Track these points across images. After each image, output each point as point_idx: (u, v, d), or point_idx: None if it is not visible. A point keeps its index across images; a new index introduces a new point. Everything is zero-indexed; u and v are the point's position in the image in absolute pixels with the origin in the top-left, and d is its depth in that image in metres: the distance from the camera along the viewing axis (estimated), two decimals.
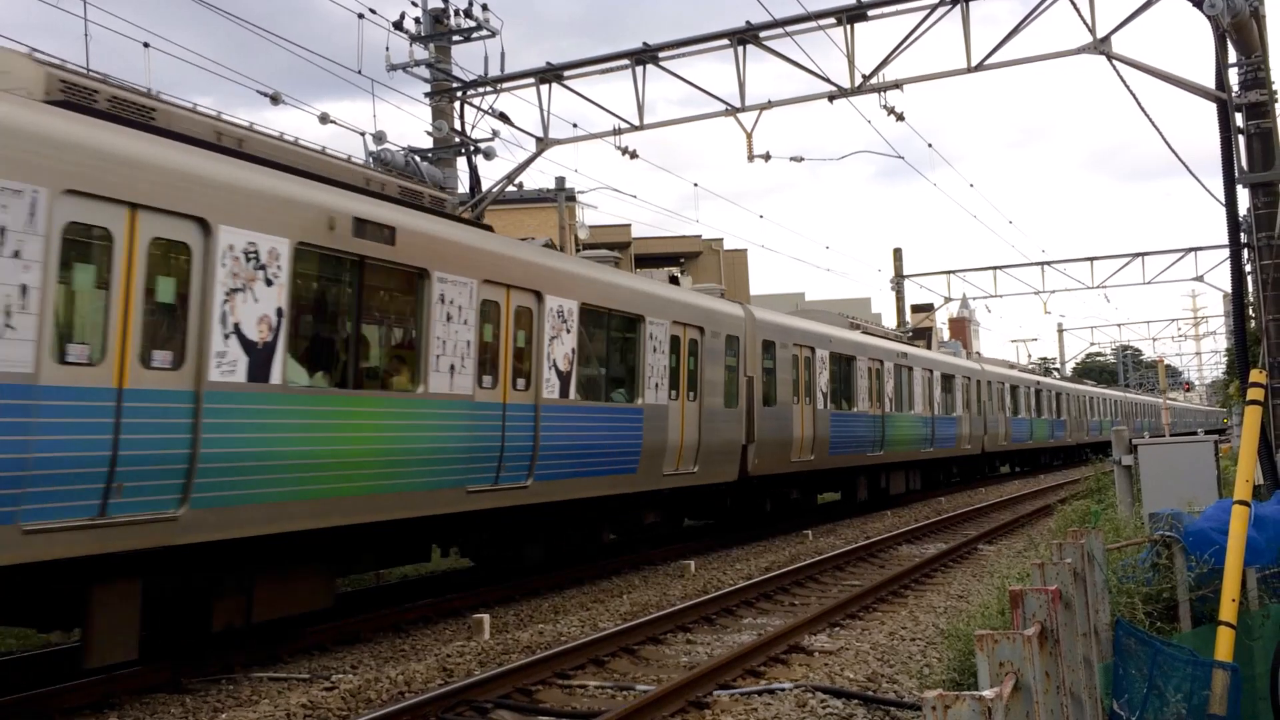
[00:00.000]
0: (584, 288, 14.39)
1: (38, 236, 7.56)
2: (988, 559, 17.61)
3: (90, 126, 8.17)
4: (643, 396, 15.69)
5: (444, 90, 19.20)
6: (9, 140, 7.45)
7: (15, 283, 7.39)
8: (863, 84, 17.14)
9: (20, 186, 7.45)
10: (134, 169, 8.30)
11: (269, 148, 10.41)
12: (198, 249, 8.84)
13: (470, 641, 11.17)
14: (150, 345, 8.45)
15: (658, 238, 48.61)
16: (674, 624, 11.89)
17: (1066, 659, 5.03)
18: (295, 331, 9.90)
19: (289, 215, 9.70)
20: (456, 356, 11.76)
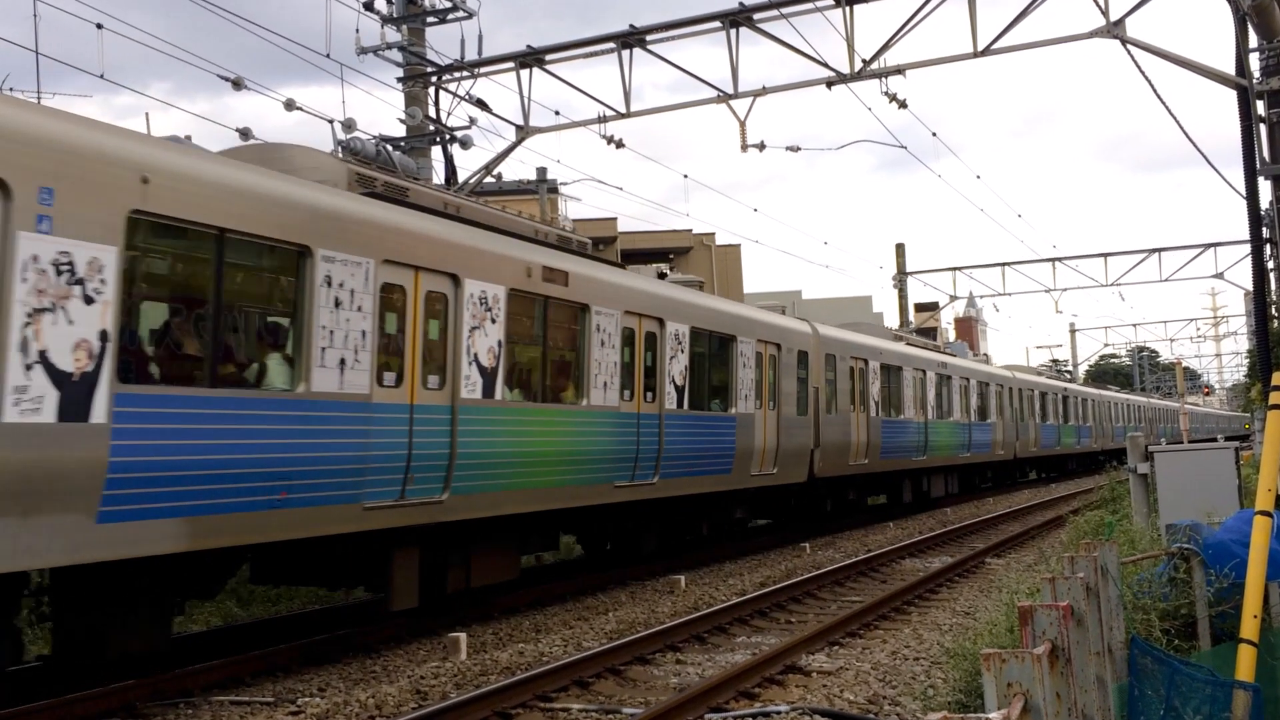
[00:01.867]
0: (693, 313, 17.63)
1: (370, 295, 10.90)
2: (996, 573, 17.67)
3: (393, 212, 11.59)
4: (736, 406, 18.81)
5: (418, 75, 19.18)
6: (360, 227, 10.90)
7: (359, 329, 10.75)
8: (863, 69, 17.18)
9: (361, 260, 10.83)
10: (418, 241, 11.63)
11: (471, 210, 13.79)
12: (451, 297, 12.13)
13: (446, 662, 11.15)
14: (427, 371, 11.77)
15: (645, 232, 48.61)
16: (663, 643, 11.89)
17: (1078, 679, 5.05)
18: (509, 357, 13.10)
19: (505, 267, 12.98)
20: (608, 375, 15.05)
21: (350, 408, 10.64)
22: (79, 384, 8.29)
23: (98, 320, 8.41)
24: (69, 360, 8.25)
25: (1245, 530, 7.84)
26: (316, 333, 10.30)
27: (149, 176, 8.82)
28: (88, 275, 8.37)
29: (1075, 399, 50.65)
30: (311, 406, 10.24)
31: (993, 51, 16.38)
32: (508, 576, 13.94)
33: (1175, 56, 15.57)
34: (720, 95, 18.23)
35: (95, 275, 8.41)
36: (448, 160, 19.40)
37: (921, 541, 21.90)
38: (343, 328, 10.57)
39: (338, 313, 10.53)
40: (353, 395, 10.65)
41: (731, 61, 17.64)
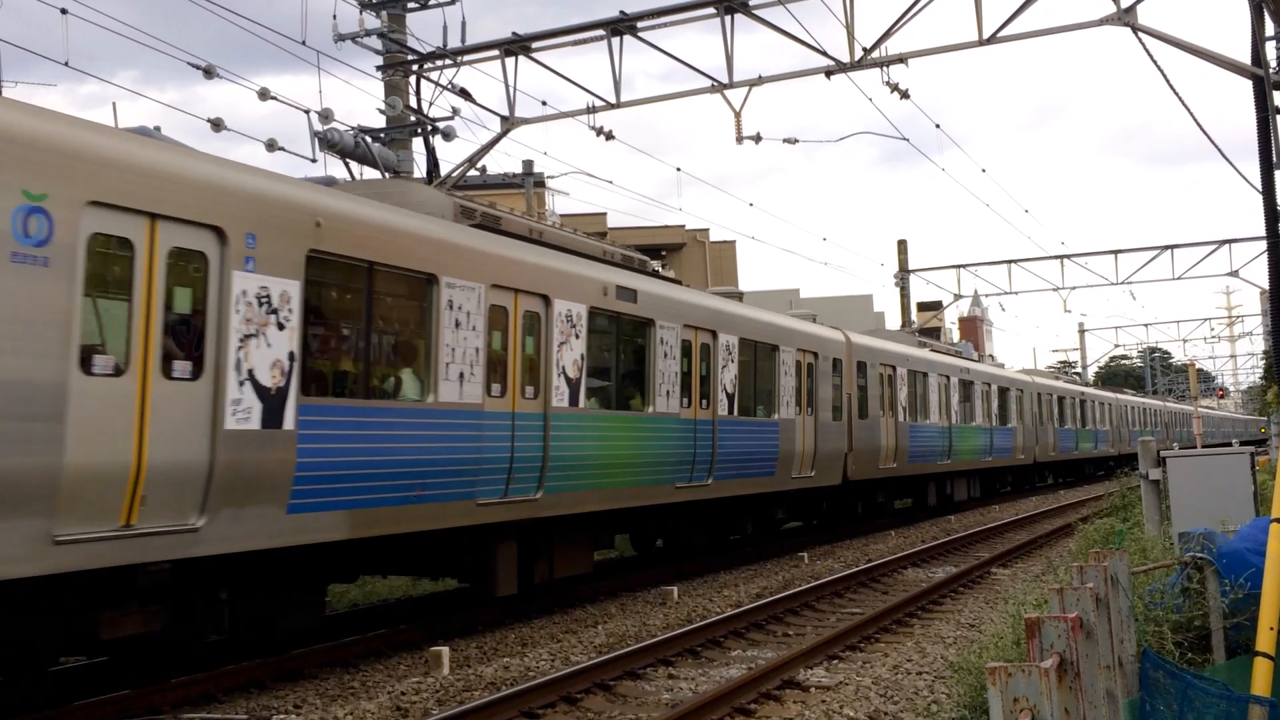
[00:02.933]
0: (742, 325, 19.49)
1: (481, 316, 12.88)
2: (1002, 583, 17.69)
3: (497, 242, 13.51)
4: (779, 412, 20.73)
5: (398, 63, 19.16)
6: (473, 257, 12.86)
7: (474, 346, 12.69)
8: (863, 58, 17.20)
9: (474, 285, 12.74)
10: (517, 266, 13.60)
11: (553, 235, 15.51)
12: (543, 316, 14.03)
13: (428, 677, 11.14)
14: (524, 382, 13.65)
15: (636, 228, 48.61)
16: (654, 657, 11.88)
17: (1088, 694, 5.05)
18: (590, 368, 14.90)
19: (585, 288, 14.92)
20: (670, 384, 16.92)
21: (467, 416, 12.69)
22: (275, 397, 10.28)
23: (287, 343, 10.42)
24: (268, 377, 10.25)
25: (1261, 538, 7.86)
26: (442, 350, 12.32)
27: (321, 221, 10.88)
28: (279, 305, 10.38)
29: (1092, 403, 52.48)
30: (438, 415, 12.27)
31: (998, 39, 16.41)
32: (583, 570, 15.87)
33: (1188, 45, 15.60)
34: (715, 85, 18.24)
35: (285, 305, 10.45)
36: (429, 152, 19.38)
37: (924, 550, 21.92)
38: (461, 345, 12.59)
39: (457, 332, 12.54)
40: (469, 405, 12.71)
41: (726, 50, 17.64)
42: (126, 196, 9.03)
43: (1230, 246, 40.51)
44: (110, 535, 8.84)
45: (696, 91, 18.66)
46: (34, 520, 8.31)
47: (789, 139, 23.26)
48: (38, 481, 8.29)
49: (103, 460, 8.73)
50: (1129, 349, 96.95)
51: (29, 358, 8.29)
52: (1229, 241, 40.54)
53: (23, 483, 8.20)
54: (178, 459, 9.32)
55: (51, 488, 8.38)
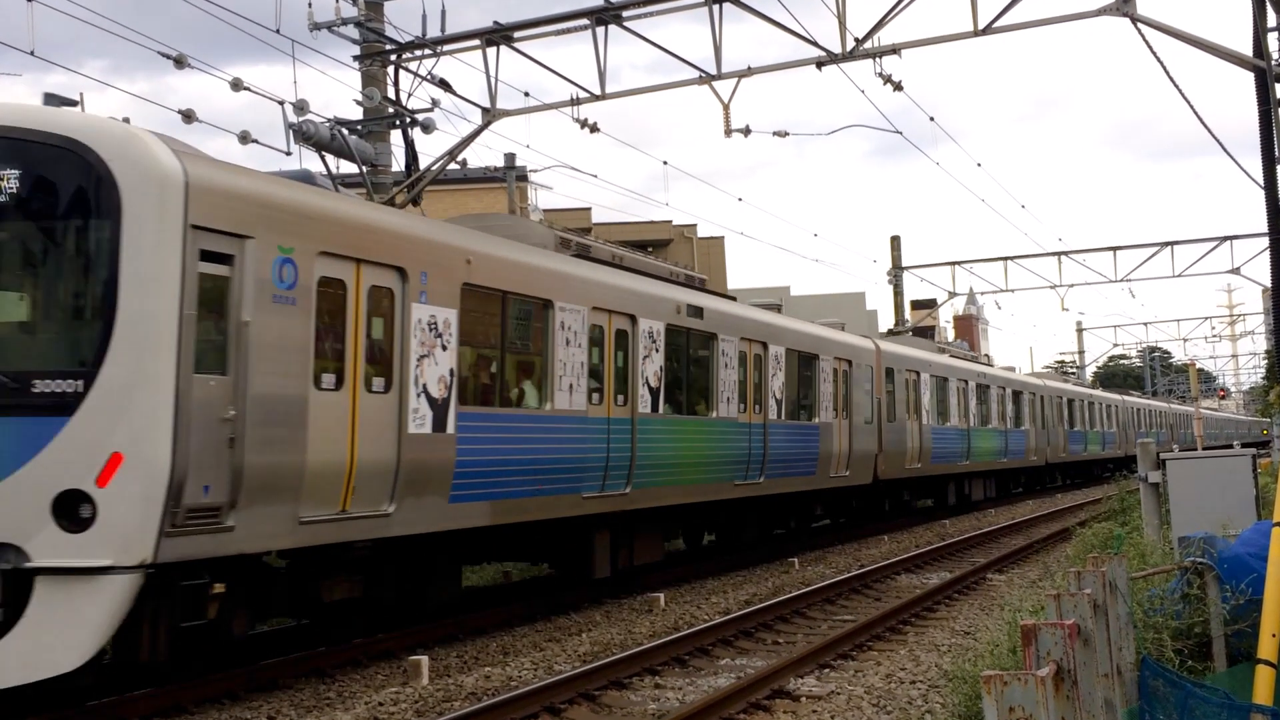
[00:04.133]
0: (789, 337, 22.22)
1: (584, 333, 15.34)
2: (998, 590, 17.74)
3: (596, 270, 16.19)
4: (819, 416, 23.34)
5: (375, 53, 19.12)
6: (576, 283, 15.40)
7: (579, 361, 15.21)
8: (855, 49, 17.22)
9: (579, 308, 15.28)
10: (611, 290, 16.21)
11: (631, 260, 18.18)
12: (630, 333, 16.53)
13: (406, 687, 11.13)
14: (616, 391, 16.14)
15: (622, 223, 48.59)
16: (640, 666, 11.89)
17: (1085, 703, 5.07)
18: (667, 378, 17.41)
19: (662, 307, 17.42)
20: (731, 391, 19.40)
21: (574, 421, 15.20)
22: (441, 406, 12.72)
23: (448, 361, 12.88)
24: (436, 389, 12.67)
25: (1263, 543, 7.89)
26: (556, 365, 14.79)
27: (470, 259, 13.41)
28: (443, 330, 12.82)
29: (1100, 405, 55.16)
30: (553, 421, 14.79)
31: (994, 30, 16.45)
32: (656, 558, 18.33)
33: (1189, 36, 15.66)
34: (702, 76, 18.24)
35: (446, 330, 12.88)
36: (408, 145, 19.32)
37: (918, 556, 21.97)
38: (570, 360, 15.06)
39: (567, 349, 15.01)
40: (576, 412, 15.19)
41: (715, 40, 17.65)
42: (343, 246, 11.50)
43: (1232, 243, 40.63)
44: (333, 518, 11.29)
45: (684, 83, 18.66)
46: (288, 505, 10.70)
47: (779, 132, 23.25)
48: (291, 475, 10.70)
49: (330, 458, 11.16)
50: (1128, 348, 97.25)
51: (285, 377, 10.67)
52: (1230, 238, 40.67)
53: (283, 476, 10.60)
54: (376, 457, 11.74)
55: (298, 480, 10.77)
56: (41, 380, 9.57)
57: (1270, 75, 15.59)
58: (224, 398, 10.11)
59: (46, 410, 9.46)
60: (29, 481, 9.34)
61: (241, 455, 10.16)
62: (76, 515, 9.30)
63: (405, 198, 18.58)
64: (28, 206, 9.96)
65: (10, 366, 9.71)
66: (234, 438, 10.13)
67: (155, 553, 9.42)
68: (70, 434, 9.39)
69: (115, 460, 9.35)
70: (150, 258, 9.65)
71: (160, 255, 9.68)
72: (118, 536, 9.32)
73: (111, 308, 9.57)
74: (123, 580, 9.29)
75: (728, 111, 18.89)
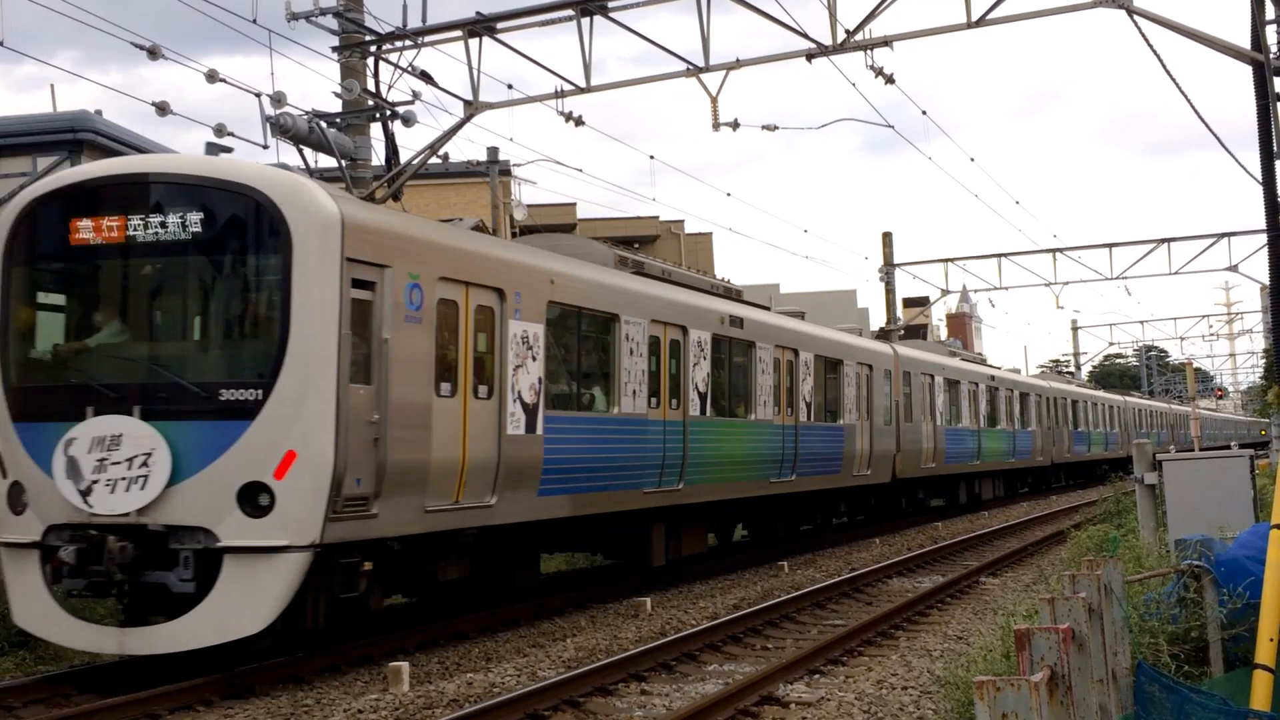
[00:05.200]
0: (818, 344, 24.40)
1: (644, 344, 17.36)
2: (991, 594, 17.79)
3: (652, 285, 18.45)
4: (844, 417, 25.43)
5: (355, 44, 19.08)
6: (638, 298, 17.52)
7: (640, 369, 17.11)
8: (846, 41, 17.24)
9: (640, 320, 17.32)
10: (667, 304, 18.36)
11: (680, 275, 20.47)
12: (682, 342, 18.60)
13: (386, 694, 11.11)
14: (670, 395, 18.22)
15: (608, 219, 48.59)
16: (626, 672, 11.90)
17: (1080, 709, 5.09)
18: (713, 383, 19.41)
19: (709, 318, 19.53)
20: (767, 394, 21.50)
21: (636, 423, 17.24)
22: (532, 410, 14.66)
23: (537, 370, 14.83)
24: (528, 395, 14.62)
25: (1261, 546, 7.92)
26: (622, 372, 16.78)
27: (554, 279, 15.46)
28: (533, 342, 14.74)
29: (1102, 406, 57.79)
30: (620, 423, 16.86)
31: (988, 22, 16.48)
32: (701, 549, 20.84)
33: (1186, 29, 15.71)
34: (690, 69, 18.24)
35: (535, 342, 14.82)
36: (388, 139, 19.27)
37: (910, 559, 22.02)
38: (633, 368, 17.03)
39: (630, 358, 16.98)
40: (638, 415, 17.24)
41: (702, 31, 17.65)
42: (456, 271, 13.52)
43: (1229, 240, 40.73)
44: (450, 508, 13.28)
45: (671, 75, 18.66)
46: (417, 496, 12.70)
47: (768, 126, 23.27)
48: (420, 470, 12.65)
49: (448, 455, 13.12)
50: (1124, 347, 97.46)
51: (415, 386, 12.66)
52: (1228, 235, 40.77)
53: (414, 471, 12.57)
54: (482, 455, 13.73)
55: (425, 474, 12.73)
56: (227, 390, 11.51)
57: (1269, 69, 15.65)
58: (370, 404, 12.08)
59: (231, 415, 11.40)
60: (217, 475, 11.27)
61: (384, 453, 12.14)
62: (257, 503, 11.25)
63: (385, 193, 18.55)
64: (212, 244, 12.04)
65: (199, 378, 11.75)
66: (378, 438, 12.10)
67: (321, 535, 11.36)
68: (252, 435, 11.33)
69: (289, 457, 11.30)
70: (315, 286, 11.59)
71: (323, 284, 11.64)
72: (292, 521, 11.26)
73: (285, 328, 11.52)
74: (297, 558, 11.26)
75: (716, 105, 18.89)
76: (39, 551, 11.63)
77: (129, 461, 11.30)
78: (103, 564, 11.10)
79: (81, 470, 11.40)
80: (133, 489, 11.26)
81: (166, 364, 11.96)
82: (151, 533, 11.26)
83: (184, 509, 11.25)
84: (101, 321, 12.54)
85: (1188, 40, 15.78)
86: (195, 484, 11.26)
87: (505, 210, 33.40)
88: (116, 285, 12.58)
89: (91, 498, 11.35)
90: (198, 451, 11.31)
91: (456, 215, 34.92)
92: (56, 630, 11.81)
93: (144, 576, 11.23)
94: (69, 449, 11.46)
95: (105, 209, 12.07)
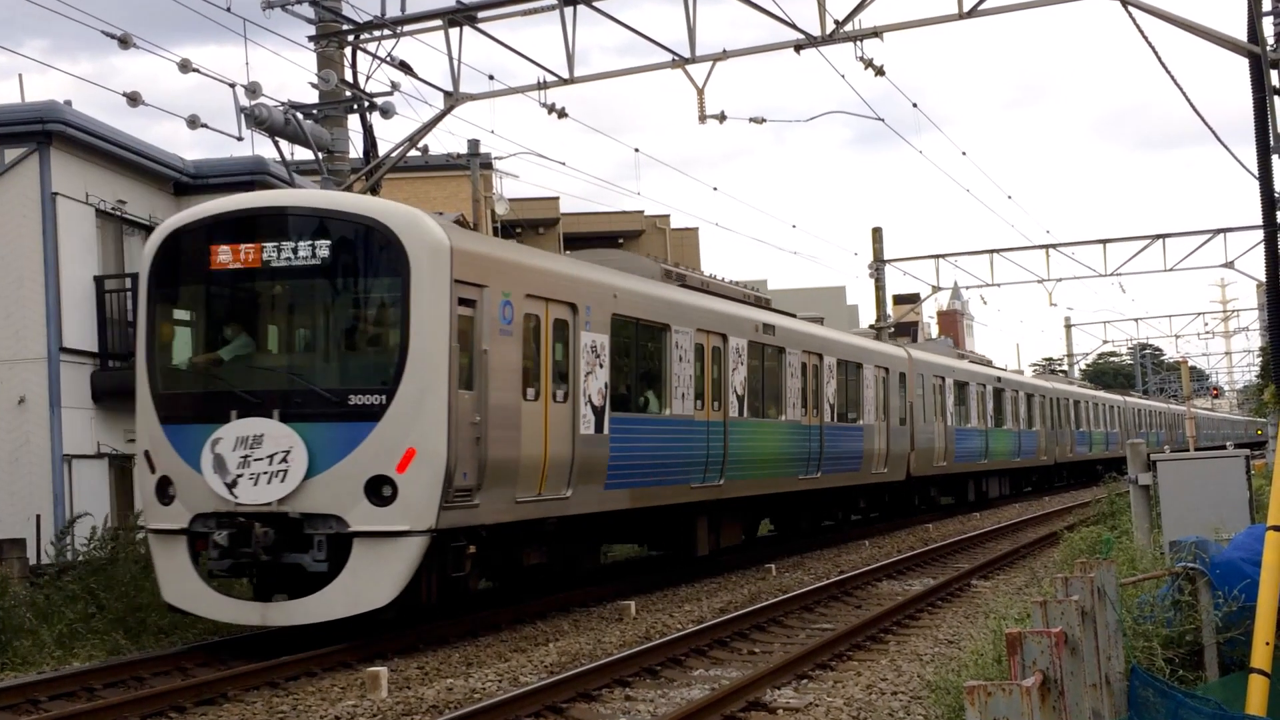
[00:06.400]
0: (839, 348, 26.67)
1: (691, 351, 19.19)
2: (982, 597, 17.82)
3: (696, 296, 20.40)
4: (863, 418, 27.61)
5: (332, 33, 19.04)
6: (686, 310, 19.36)
7: (689, 374, 19.02)
8: (835, 31, 17.28)
9: (688, 330, 19.11)
10: (709, 314, 20.43)
11: (716, 286, 22.33)
12: (723, 349, 20.51)
13: (364, 700, 11.09)
14: (712, 398, 20.05)
15: (591, 214, 48.57)
16: (610, 677, 11.89)
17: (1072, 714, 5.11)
18: (749, 387, 21.43)
19: (745, 326, 21.59)
20: (796, 396, 23.55)
21: (685, 424, 19.16)
22: (600, 412, 16.51)
23: (604, 376, 16.65)
24: (597, 399, 16.46)
25: (1257, 548, 7.96)
26: (673, 377, 18.62)
27: (616, 294, 17.32)
28: (600, 351, 16.57)
29: (1103, 406, 59.98)
30: (671, 424, 18.82)
31: (979, 13, 16.53)
32: (737, 541, 22.81)
33: (1182, 20, 15.79)
34: (676, 59, 18.27)
35: (602, 351, 16.63)
36: (366, 130, 19.27)
37: (900, 561, 22.06)
38: (682, 373, 18.85)
39: (680, 364, 18.79)
40: (686, 416, 19.10)
41: (688, 21, 17.68)
42: (539, 289, 15.34)
43: (1225, 236, 40.89)
44: (535, 500, 15.13)
45: (656, 66, 18.68)
46: (510, 489, 14.54)
47: (755, 118, 23.33)
48: (512, 465, 14.48)
49: (533, 452, 14.93)
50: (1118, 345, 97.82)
51: (507, 391, 14.46)
52: (1224, 231, 40.94)
53: (508, 466, 14.39)
54: (560, 452, 15.54)
55: (515, 469, 14.57)
56: (355, 395, 13.35)
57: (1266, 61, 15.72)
58: (473, 407, 13.80)
59: (359, 417, 13.18)
60: (348, 470, 13.05)
61: (485, 450, 13.91)
62: (382, 494, 13.04)
63: (363, 186, 18.51)
64: (340, 268, 14.08)
65: (331, 385, 13.60)
66: (479, 437, 13.84)
67: (436, 521, 13.18)
68: (377, 435, 13.10)
69: (410, 454, 13.08)
70: (430, 305, 13.36)
71: (436, 303, 13.40)
72: (412, 509, 13.07)
73: (405, 342, 13.31)
74: (417, 541, 13.07)
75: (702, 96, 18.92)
76: (186, 537, 13.48)
77: (270, 458, 13.09)
78: (250, 546, 12.91)
79: (227, 466, 13.18)
80: (274, 482, 13.05)
81: (301, 373, 13.86)
82: (290, 520, 13.05)
83: (318, 499, 13.07)
84: (240, 336, 14.24)
85: (1183, 32, 15.84)
86: (328, 477, 13.06)
87: (486, 204, 33.38)
88: (253, 304, 14.56)
89: (237, 489, 13.12)
90: (330, 449, 13.12)
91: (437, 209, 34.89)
92: (204, 605, 13.58)
93: (283, 558, 13.04)
94: (215, 447, 13.22)
95: (243, 237, 13.84)
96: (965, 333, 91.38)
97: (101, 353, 20.66)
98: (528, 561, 15.88)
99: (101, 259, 21.24)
